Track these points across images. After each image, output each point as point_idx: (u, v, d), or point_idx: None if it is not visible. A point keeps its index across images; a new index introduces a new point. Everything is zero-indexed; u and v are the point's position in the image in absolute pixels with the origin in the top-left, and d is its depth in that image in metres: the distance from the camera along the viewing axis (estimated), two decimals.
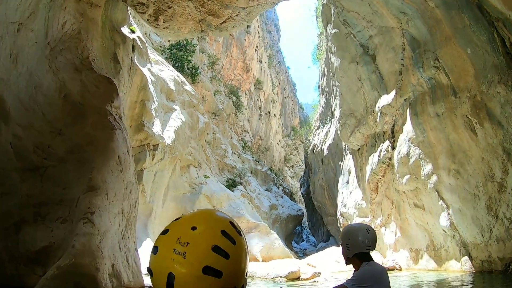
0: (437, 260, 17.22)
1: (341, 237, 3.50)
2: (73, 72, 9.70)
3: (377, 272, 3.33)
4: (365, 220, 23.64)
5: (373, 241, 3.45)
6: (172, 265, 1.21)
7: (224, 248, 1.26)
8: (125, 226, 8.11)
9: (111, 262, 6.78)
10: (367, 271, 3.28)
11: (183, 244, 1.22)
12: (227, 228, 1.32)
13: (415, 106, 17.65)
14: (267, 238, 26.53)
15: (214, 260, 1.23)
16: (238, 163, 42.02)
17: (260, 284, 15.87)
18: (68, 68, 9.58)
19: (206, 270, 1.21)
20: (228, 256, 1.25)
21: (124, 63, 14.63)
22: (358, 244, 3.35)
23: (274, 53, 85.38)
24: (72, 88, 9.22)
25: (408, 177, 17.92)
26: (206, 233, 1.28)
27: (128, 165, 8.54)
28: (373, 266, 3.37)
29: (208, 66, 48.12)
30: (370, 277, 3.24)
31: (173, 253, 1.22)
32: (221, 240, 1.27)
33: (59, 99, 8.87)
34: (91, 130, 8.42)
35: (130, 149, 9.44)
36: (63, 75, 9.27)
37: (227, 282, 1.24)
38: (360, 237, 3.37)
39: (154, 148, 20.11)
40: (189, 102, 28.76)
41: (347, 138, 25.39)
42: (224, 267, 1.24)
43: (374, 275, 3.27)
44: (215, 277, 1.22)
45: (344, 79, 24.77)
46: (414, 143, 17.45)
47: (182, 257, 1.21)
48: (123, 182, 8.07)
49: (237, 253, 1.30)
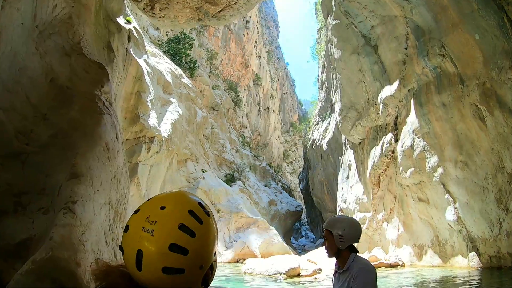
0: (442, 256, 16.59)
1: (332, 228, 3.38)
2: (62, 56, 9.04)
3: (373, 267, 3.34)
4: (366, 215, 23.07)
5: (361, 232, 3.46)
6: (141, 242, 1.25)
7: (191, 227, 1.30)
8: (113, 218, 7.47)
9: (95, 256, 6.13)
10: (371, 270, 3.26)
11: (151, 223, 1.26)
12: (195, 209, 1.36)
13: (420, 96, 17.04)
14: (265, 233, 26.09)
15: (180, 238, 1.27)
16: (236, 158, 41.78)
17: (259, 281, 15.23)
18: (56, 52, 8.93)
19: (172, 247, 1.24)
20: (194, 234, 1.29)
21: (119, 53, 14.06)
22: (353, 235, 3.33)
23: (273, 49, 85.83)
24: (59, 72, 8.57)
25: (412, 170, 17.30)
26: (173, 212, 1.31)
27: (116, 153, 7.90)
28: (364, 260, 3.39)
29: (206, 61, 47.85)
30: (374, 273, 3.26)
31: (142, 231, 1.26)
32: (188, 219, 1.31)
33: (45, 83, 8.23)
34: (77, 114, 7.77)
35: (120, 136, 8.79)
36: (50, 58, 8.62)
37: (193, 260, 1.28)
38: (351, 228, 3.37)
39: (150, 141, 19.59)
40: (187, 95, 28.26)
41: (347, 131, 24.75)
42: (190, 245, 1.28)
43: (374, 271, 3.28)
44: (181, 255, 1.25)
45: (345, 71, 24.11)
46: (419, 135, 16.82)
47: (150, 234, 1.25)
48: (110, 170, 7.43)
49: (204, 233, 1.34)
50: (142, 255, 1.24)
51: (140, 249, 1.24)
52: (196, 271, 1.32)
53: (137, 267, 1.25)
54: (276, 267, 15.85)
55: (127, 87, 17.60)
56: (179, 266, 1.26)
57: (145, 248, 1.24)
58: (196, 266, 1.31)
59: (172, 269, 1.25)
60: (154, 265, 1.24)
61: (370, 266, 3.29)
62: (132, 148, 18.51)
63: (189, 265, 1.28)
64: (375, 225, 22.13)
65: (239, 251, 23.94)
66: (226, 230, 25.73)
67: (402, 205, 19.17)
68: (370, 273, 3.21)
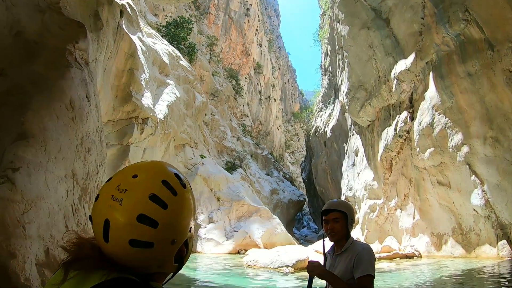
0: (465, 245, 15.02)
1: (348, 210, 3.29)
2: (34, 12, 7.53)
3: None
4: (377, 202, 21.52)
5: None
6: (108, 211, 1.16)
7: (163, 198, 1.20)
8: (80, 197, 5.84)
9: (44, 245, 4.54)
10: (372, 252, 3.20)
11: (121, 191, 1.17)
12: (170, 179, 1.25)
13: (440, 68, 15.45)
14: (268, 223, 24.77)
15: (150, 209, 1.17)
16: (237, 146, 40.80)
17: (264, 275, 13.41)
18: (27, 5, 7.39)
19: (141, 218, 1.15)
20: (166, 206, 1.19)
21: (108, 25, 13.17)
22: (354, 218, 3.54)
23: (274, 38, 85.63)
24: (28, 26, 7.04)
25: (432, 150, 15.72)
26: (145, 181, 1.21)
27: (86, 115, 6.25)
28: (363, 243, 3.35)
29: (206, 47, 46.91)
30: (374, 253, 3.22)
31: (111, 200, 1.17)
32: (161, 189, 1.21)
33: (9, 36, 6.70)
34: (40, 69, 6.17)
35: (95, 98, 7.12)
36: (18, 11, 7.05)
37: (164, 234, 1.19)
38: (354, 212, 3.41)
39: (143, 122, 18.26)
40: (185, 78, 26.84)
41: (356, 113, 23.21)
42: (161, 217, 1.18)
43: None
44: (150, 227, 1.16)
45: (353, 48, 22.59)
46: (439, 111, 15.21)
47: (119, 203, 1.16)
48: (75, 134, 5.79)
49: (178, 205, 1.24)
50: (109, 225, 1.15)
51: (108, 219, 1.15)
52: (166, 246, 1.21)
53: (104, 238, 1.16)
54: (282, 259, 14.13)
55: (118, 64, 16.24)
56: (147, 239, 1.16)
57: (112, 218, 1.15)
58: (167, 241, 1.20)
59: (140, 242, 1.15)
60: (121, 236, 1.14)
61: (370, 248, 3.23)
62: (123, 129, 17.17)
63: (158, 239, 1.17)
64: (387, 213, 20.54)
65: (240, 241, 22.52)
66: (226, 219, 24.38)
67: (419, 190, 17.58)
68: (373, 255, 3.16)
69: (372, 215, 21.62)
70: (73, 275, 1.17)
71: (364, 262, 3.02)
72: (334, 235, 3.24)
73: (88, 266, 1.18)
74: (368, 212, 22.04)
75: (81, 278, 1.16)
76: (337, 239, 3.26)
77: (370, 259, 3.06)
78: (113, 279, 1.13)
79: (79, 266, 1.18)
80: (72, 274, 1.18)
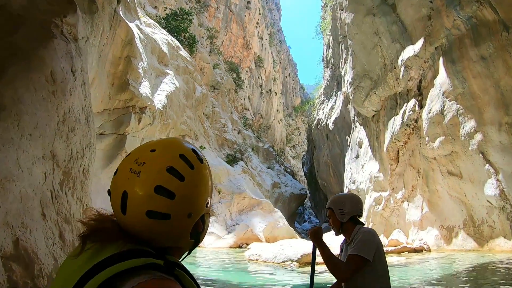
0: (477, 238, 14.36)
1: (333, 205, 3.38)
2: None
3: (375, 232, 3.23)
4: (383, 194, 20.85)
5: (362, 205, 3.48)
6: (126, 183, 1.15)
7: (180, 170, 1.17)
8: (61, 182, 5.14)
9: (12, 235, 3.85)
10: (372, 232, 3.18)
11: (139, 164, 1.16)
12: (187, 153, 1.22)
13: (451, 53, 14.80)
14: (270, 216, 24.19)
15: (167, 180, 1.14)
16: (238, 139, 40.28)
17: (267, 271, 12.55)
18: None
19: (158, 190, 1.13)
20: (183, 178, 1.16)
21: (104, 11, 12.57)
22: (352, 207, 3.32)
23: (275, 32, 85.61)
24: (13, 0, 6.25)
25: (442, 139, 15.04)
26: (163, 155, 1.19)
27: (70, 90, 5.53)
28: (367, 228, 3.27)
29: (207, 39, 46.56)
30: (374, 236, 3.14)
31: (129, 172, 1.16)
32: (178, 162, 1.18)
33: None
34: (21, 40, 5.44)
35: (83, 75, 6.40)
36: None
37: (181, 206, 1.17)
38: (351, 201, 3.38)
39: (141, 111, 17.58)
40: (185, 68, 26.25)
41: (360, 103, 22.52)
42: (178, 189, 1.15)
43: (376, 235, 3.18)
44: (167, 198, 1.14)
45: (358, 35, 21.89)
46: (451, 97, 14.55)
47: (137, 175, 1.14)
48: (56, 111, 5.08)
49: (195, 178, 1.20)
50: (127, 197, 1.13)
51: (125, 191, 1.14)
52: (183, 219, 1.19)
53: (121, 211, 1.15)
54: (286, 253, 13.40)
55: (115, 51, 15.63)
56: (164, 211, 1.13)
57: (130, 189, 1.13)
58: (183, 213, 1.17)
59: (157, 213, 1.13)
60: (139, 208, 1.13)
61: (374, 231, 3.20)
62: (120, 118, 16.44)
63: (175, 210, 1.15)
64: (393, 205, 19.86)
65: (241, 235, 21.93)
66: (227, 213, 23.83)
67: (427, 181, 16.91)
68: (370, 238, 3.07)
69: (378, 207, 20.96)
70: (90, 247, 1.15)
71: (356, 243, 3.04)
72: (333, 229, 3.40)
73: (105, 238, 1.16)
74: (374, 205, 21.38)
75: (98, 249, 1.14)
76: (337, 233, 3.38)
77: (364, 240, 3.05)
78: (129, 249, 1.11)
79: (96, 238, 1.16)
80: (89, 246, 1.16)
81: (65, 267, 1.20)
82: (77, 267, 1.11)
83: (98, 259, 1.09)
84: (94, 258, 1.10)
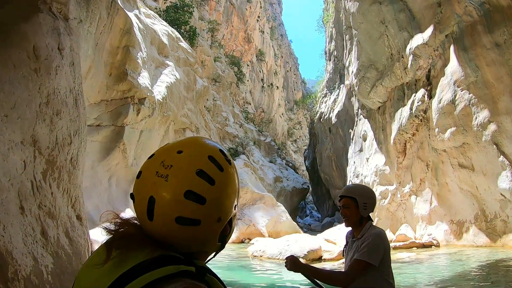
0: (489, 233, 13.80)
1: (358, 196, 3.23)
2: None
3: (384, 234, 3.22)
4: (389, 188, 20.29)
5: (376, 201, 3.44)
6: (153, 188, 1.09)
7: (210, 174, 1.12)
8: (44, 172, 4.57)
9: None
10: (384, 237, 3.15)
11: (166, 167, 1.10)
12: (216, 154, 1.18)
13: (462, 40, 14.17)
14: (273, 210, 23.76)
15: (197, 185, 1.09)
16: (240, 132, 39.81)
17: (273, 268, 11.85)
18: None
19: (188, 195, 1.07)
20: (213, 182, 1.12)
21: None
22: (374, 203, 3.29)
23: (276, 26, 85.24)
24: None
25: (453, 130, 14.44)
26: (191, 157, 1.14)
27: (55, 69, 4.96)
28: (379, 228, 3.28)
29: (207, 32, 45.92)
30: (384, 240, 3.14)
31: (156, 176, 1.09)
32: (207, 165, 1.14)
33: None
34: (5, 16, 4.86)
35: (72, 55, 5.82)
36: None
37: (211, 211, 1.12)
38: (374, 197, 3.33)
39: (140, 102, 17.04)
40: (185, 60, 25.66)
41: (366, 94, 21.90)
42: (208, 193, 1.10)
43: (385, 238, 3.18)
44: (198, 203, 1.08)
45: (363, 25, 21.23)
46: (462, 86, 13.92)
47: (164, 180, 1.08)
48: (38, 90, 4.51)
49: (224, 181, 1.16)
50: (154, 202, 1.07)
51: (152, 196, 1.07)
52: (213, 224, 1.14)
53: (148, 217, 1.09)
54: (292, 249, 12.78)
55: (112, 40, 15.14)
56: (194, 217, 1.09)
57: (157, 194, 1.07)
58: (213, 218, 1.13)
59: (187, 220, 1.08)
60: (167, 214, 1.07)
61: (384, 234, 3.18)
62: (117, 109, 15.90)
63: (206, 216, 1.10)
64: (400, 199, 19.30)
65: (244, 230, 21.54)
66: None
67: (437, 174, 16.31)
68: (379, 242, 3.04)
69: (384, 202, 20.40)
70: (116, 254, 1.06)
71: (364, 247, 3.00)
72: (346, 220, 3.29)
73: (131, 245, 1.08)
74: (379, 199, 20.80)
75: (125, 256, 1.05)
76: (350, 224, 3.30)
77: (373, 245, 3.01)
78: (159, 256, 1.04)
79: (121, 245, 1.08)
80: (115, 253, 1.07)
81: (86, 276, 1.10)
82: (104, 276, 1.03)
83: (127, 266, 1.02)
84: (122, 265, 1.03)
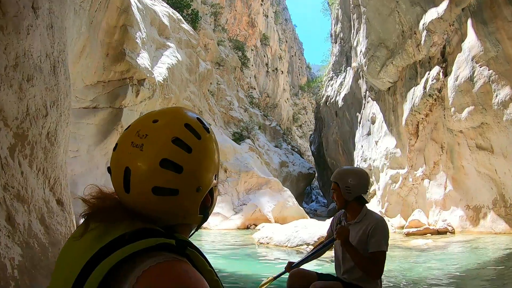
0: (509, 220, 13.02)
1: (339, 180, 3.32)
2: None
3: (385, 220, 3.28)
4: (400, 172, 19.53)
5: (369, 183, 3.50)
6: (128, 159, 1.08)
7: (186, 141, 1.11)
8: (12, 147, 3.82)
9: None
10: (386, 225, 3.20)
11: (141, 137, 1.08)
12: (192, 122, 1.16)
13: (481, 13, 13.23)
14: (279, 195, 23.15)
15: (173, 153, 1.08)
16: (245, 117, 39.33)
17: (281, 257, 10.94)
18: None
19: (164, 163, 1.06)
20: (190, 150, 1.10)
21: None
22: (360, 186, 3.27)
23: (280, 10, 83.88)
24: None
25: (471, 109, 13.59)
26: (167, 125, 1.12)
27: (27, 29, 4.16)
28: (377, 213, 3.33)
29: (210, 16, 45.14)
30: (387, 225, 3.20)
31: (131, 147, 1.08)
32: (184, 133, 1.12)
33: None
34: None
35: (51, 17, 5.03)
36: None
37: (189, 180, 1.10)
38: (359, 179, 3.30)
39: (139, 84, 16.40)
40: (187, 42, 24.89)
41: (376, 74, 21.07)
42: (185, 161, 1.09)
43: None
44: (175, 172, 1.07)
45: (372, 2, 20.39)
46: (481, 62, 13.02)
47: (139, 149, 1.07)
48: (4, 51, 3.77)
49: (202, 149, 1.14)
50: (130, 173, 1.06)
51: (128, 167, 1.07)
52: (192, 194, 1.12)
53: (125, 189, 1.08)
54: (301, 236, 12.00)
55: (109, 19, 14.52)
56: (172, 186, 1.07)
57: (133, 165, 1.06)
58: (192, 188, 1.11)
59: (164, 189, 1.07)
60: (143, 184, 1.06)
61: (385, 221, 3.21)
62: (115, 90, 15.33)
63: (184, 185, 1.09)
64: (411, 183, 18.53)
65: (249, 215, 20.90)
66: (234, 192, 22.83)
67: (452, 157, 15.53)
68: (387, 229, 3.14)
69: (394, 186, 19.66)
70: (94, 227, 1.08)
71: (378, 237, 3.03)
72: (336, 204, 3.38)
73: (110, 218, 1.09)
74: (390, 183, 20.07)
75: (103, 229, 1.06)
76: (339, 208, 3.38)
77: (385, 234, 3.08)
78: (138, 229, 1.03)
79: (100, 218, 1.10)
80: (93, 226, 1.09)
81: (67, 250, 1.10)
82: (83, 249, 1.03)
83: (105, 240, 1.01)
84: (101, 239, 1.02)
